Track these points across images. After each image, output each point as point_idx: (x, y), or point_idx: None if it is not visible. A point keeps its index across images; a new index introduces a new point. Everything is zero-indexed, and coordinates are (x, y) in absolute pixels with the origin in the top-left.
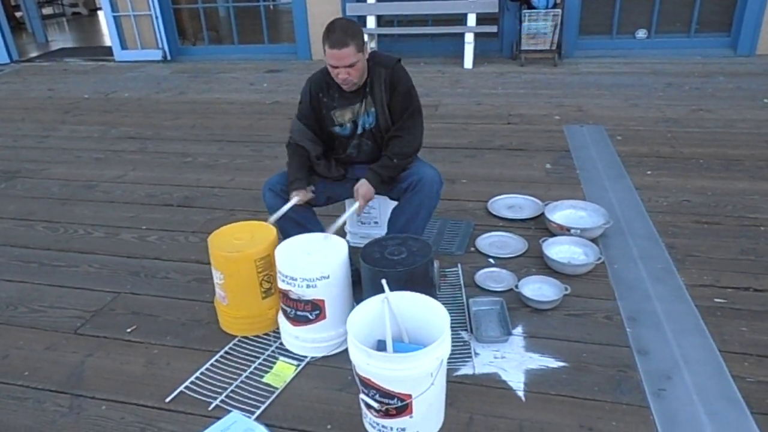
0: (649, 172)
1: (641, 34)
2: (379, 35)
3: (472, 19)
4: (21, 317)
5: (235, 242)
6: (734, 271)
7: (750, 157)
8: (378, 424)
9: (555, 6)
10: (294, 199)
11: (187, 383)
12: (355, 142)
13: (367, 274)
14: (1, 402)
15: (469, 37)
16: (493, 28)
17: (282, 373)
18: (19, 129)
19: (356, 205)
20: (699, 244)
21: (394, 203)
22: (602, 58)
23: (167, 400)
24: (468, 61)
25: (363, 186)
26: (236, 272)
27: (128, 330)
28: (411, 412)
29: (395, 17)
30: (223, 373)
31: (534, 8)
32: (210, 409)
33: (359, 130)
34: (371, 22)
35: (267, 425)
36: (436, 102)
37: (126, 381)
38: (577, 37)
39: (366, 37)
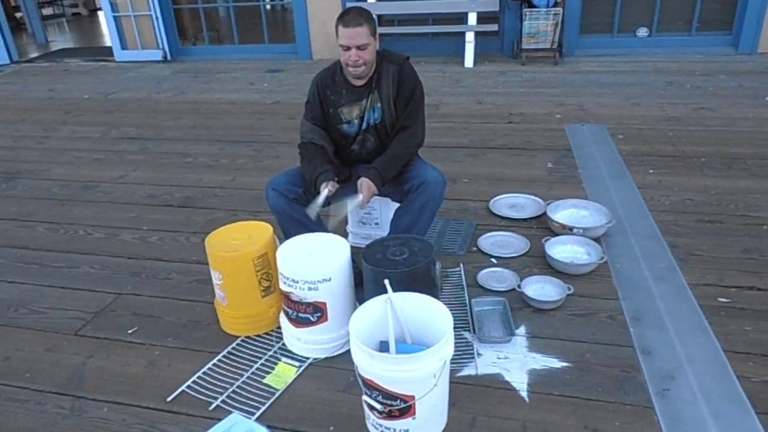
0: (651, 171)
1: (642, 32)
2: (379, 34)
3: (472, 18)
4: (22, 318)
5: (233, 242)
6: (738, 270)
7: (752, 155)
8: (381, 425)
9: (556, 5)
10: (324, 191)
11: (188, 383)
12: (359, 138)
13: (368, 274)
14: (1, 404)
15: (469, 36)
16: (494, 27)
17: (283, 374)
18: (19, 130)
19: (360, 197)
20: (702, 243)
21: (396, 204)
22: (603, 57)
23: (169, 399)
24: (469, 60)
25: (366, 181)
26: (235, 272)
27: (129, 331)
28: (414, 414)
29: (396, 17)
30: (224, 373)
31: (535, 7)
32: (210, 409)
33: (364, 125)
34: None
35: (269, 426)
36: (437, 101)
37: (127, 382)
38: (578, 35)
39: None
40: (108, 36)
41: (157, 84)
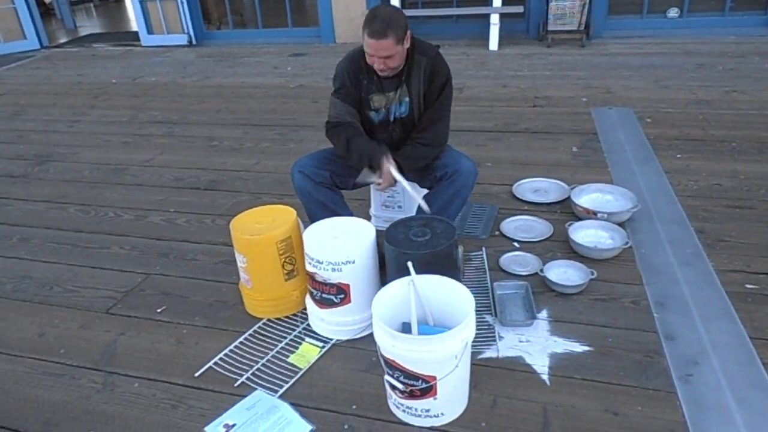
0: (678, 156)
1: (673, 13)
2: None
3: (497, 0)
4: (56, 297)
5: (257, 226)
6: (766, 256)
7: None
8: (402, 405)
9: None
10: (390, 166)
11: (215, 360)
12: (385, 128)
13: (390, 255)
14: (38, 378)
15: (494, 18)
16: (520, 9)
17: (307, 354)
18: (50, 114)
19: (379, 180)
20: (730, 229)
21: (422, 190)
22: (632, 39)
23: (196, 374)
24: (493, 43)
25: (390, 173)
26: (258, 255)
27: (158, 310)
28: (435, 394)
29: None
30: (249, 352)
31: None
32: (236, 386)
33: (391, 118)
34: (395, 3)
35: (292, 404)
36: (461, 84)
37: (157, 359)
38: (605, 16)
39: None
40: (134, 21)
41: (182, 68)
